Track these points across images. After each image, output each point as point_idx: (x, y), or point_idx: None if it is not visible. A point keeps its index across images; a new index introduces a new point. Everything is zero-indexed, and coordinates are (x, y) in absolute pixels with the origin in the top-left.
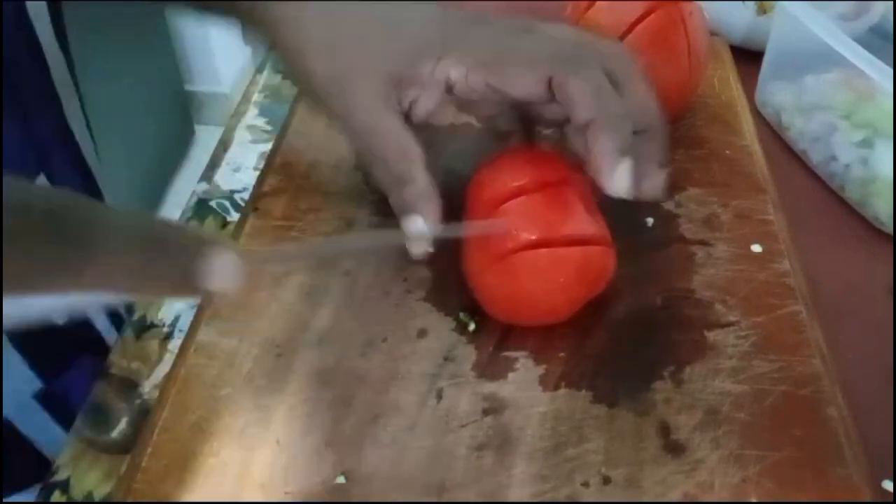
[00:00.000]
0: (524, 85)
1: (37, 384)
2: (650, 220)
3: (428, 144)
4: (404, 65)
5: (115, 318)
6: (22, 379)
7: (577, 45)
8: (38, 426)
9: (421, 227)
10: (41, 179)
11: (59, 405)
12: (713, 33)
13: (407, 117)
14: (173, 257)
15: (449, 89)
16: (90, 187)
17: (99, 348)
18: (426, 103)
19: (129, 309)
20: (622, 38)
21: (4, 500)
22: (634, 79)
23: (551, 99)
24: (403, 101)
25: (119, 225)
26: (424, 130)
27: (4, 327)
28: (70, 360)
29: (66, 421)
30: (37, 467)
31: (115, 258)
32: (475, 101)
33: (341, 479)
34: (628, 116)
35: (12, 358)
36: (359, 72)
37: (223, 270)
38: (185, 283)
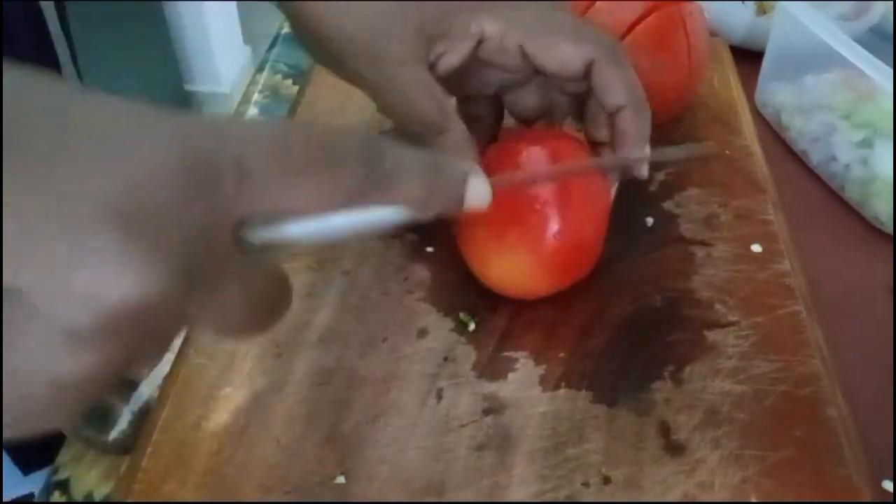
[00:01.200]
0: (565, 59)
1: None
2: (650, 220)
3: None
4: (439, 16)
5: None
6: None
7: (611, 37)
8: None
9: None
10: None
11: None
12: (713, 33)
13: (431, 71)
14: (446, 179)
15: (478, 45)
16: None
17: None
18: (452, 58)
19: None
20: (622, 38)
21: (12, 485)
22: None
23: (581, 78)
24: (431, 54)
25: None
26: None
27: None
28: None
29: None
30: (44, 450)
31: (407, 180)
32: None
33: (341, 479)
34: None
35: None
36: (390, 25)
37: (482, 190)
38: (451, 201)
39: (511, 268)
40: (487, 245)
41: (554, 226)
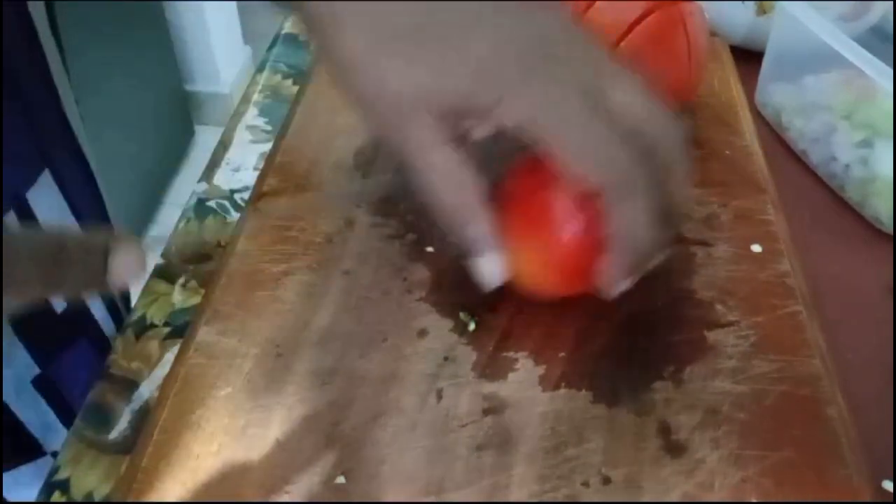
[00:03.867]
0: (576, 177)
1: (35, 370)
2: None
3: None
4: (460, 98)
5: (112, 308)
6: (23, 364)
7: (633, 162)
8: (33, 410)
9: (490, 269)
10: (45, 176)
11: (53, 389)
12: (713, 33)
13: (462, 139)
14: (79, 259)
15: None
16: (90, 182)
17: (95, 335)
18: (480, 132)
19: (126, 298)
20: (622, 37)
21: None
22: (680, 172)
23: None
24: (459, 128)
25: (22, 240)
26: None
27: None
28: (65, 345)
29: (58, 405)
30: (26, 448)
31: (24, 269)
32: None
33: (341, 479)
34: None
35: (14, 344)
36: (412, 109)
37: (127, 264)
38: (94, 280)
39: (524, 266)
40: (505, 241)
41: (570, 228)
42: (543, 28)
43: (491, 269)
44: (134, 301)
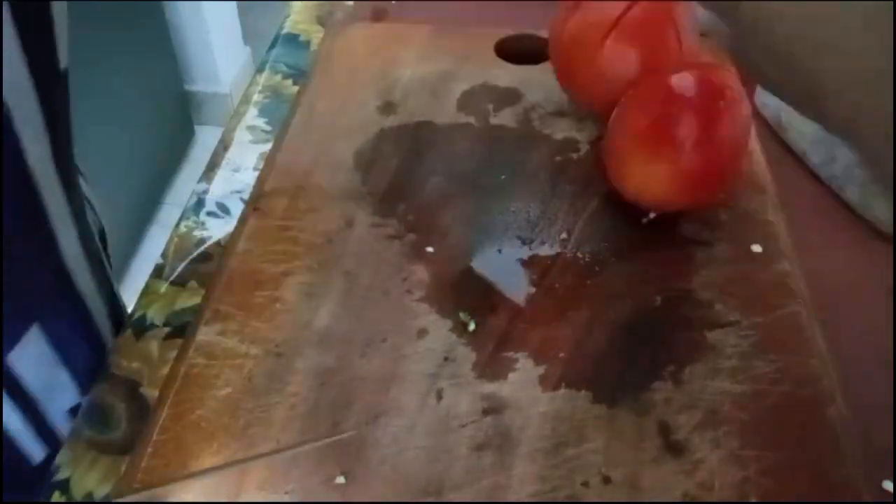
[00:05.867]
0: None
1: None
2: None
3: (428, 144)
4: None
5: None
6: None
7: None
8: None
9: None
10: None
11: None
12: (714, 34)
13: None
14: None
15: None
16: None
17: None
18: None
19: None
20: (608, 33)
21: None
22: None
23: None
24: None
25: None
26: (423, 129)
27: None
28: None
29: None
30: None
31: None
32: None
33: (341, 479)
34: None
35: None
36: None
37: None
38: None
39: (650, 177)
40: (630, 153)
41: (697, 139)
42: None
43: None
44: (133, 302)
